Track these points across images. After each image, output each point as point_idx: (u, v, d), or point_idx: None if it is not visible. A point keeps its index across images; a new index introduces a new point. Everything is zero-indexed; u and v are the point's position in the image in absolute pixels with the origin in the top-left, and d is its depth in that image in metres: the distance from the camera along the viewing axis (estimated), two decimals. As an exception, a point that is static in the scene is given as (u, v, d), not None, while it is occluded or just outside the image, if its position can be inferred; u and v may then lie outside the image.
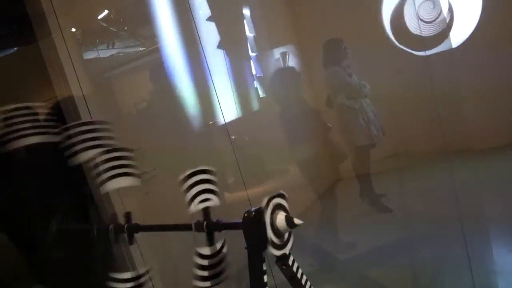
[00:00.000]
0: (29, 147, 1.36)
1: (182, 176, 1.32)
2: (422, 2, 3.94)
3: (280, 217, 1.15)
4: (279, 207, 1.17)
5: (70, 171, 1.40)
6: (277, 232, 1.15)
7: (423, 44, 3.79)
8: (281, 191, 1.21)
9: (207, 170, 1.37)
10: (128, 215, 1.46)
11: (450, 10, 3.91)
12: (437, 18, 3.91)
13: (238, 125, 3.60)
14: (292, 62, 4.30)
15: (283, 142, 3.71)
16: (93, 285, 1.67)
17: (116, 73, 2.73)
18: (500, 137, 3.90)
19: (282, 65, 4.23)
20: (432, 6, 3.91)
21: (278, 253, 1.16)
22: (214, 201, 1.34)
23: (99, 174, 1.36)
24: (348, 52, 3.37)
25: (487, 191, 3.20)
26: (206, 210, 1.31)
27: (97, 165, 1.36)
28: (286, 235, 1.19)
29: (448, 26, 3.92)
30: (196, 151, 2.81)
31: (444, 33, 3.91)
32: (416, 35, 3.95)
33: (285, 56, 4.27)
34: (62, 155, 1.36)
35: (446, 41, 3.89)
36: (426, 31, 3.93)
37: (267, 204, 1.14)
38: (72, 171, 1.41)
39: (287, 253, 1.20)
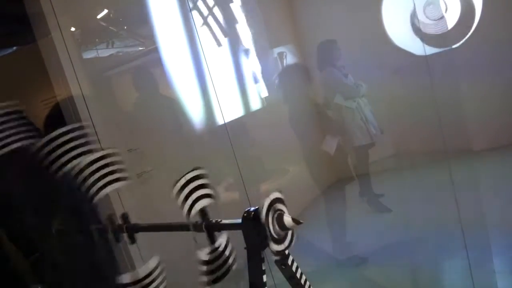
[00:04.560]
0: (27, 148, 1.35)
1: (175, 192, 1.25)
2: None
3: (280, 217, 1.14)
4: (278, 206, 1.17)
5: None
6: (276, 231, 1.14)
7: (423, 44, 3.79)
8: (281, 190, 1.20)
9: (196, 176, 1.31)
10: (124, 216, 1.45)
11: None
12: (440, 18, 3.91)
13: (238, 125, 3.60)
14: (290, 62, 4.30)
15: (283, 142, 3.70)
16: (92, 285, 1.67)
17: (116, 72, 2.73)
18: (500, 137, 3.89)
19: (279, 65, 4.22)
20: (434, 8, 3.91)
21: (279, 248, 1.15)
22: (207, 200, 1.31)
23: (88, 187, 1.33)
24: (343, 52, 3.36)
25: (487, 192, 3.20)
26: (202, 211, 1.30)
27: (83, 179, 1.32)
28: (286, 235, 1.19)
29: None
30: (195, 151, 2.81)
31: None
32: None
33: (282, 56, 4.26)
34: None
35: (446, 41, 3.89)
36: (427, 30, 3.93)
37: (267, 203, 1.14)
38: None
39: (287, 253, 1.20)
